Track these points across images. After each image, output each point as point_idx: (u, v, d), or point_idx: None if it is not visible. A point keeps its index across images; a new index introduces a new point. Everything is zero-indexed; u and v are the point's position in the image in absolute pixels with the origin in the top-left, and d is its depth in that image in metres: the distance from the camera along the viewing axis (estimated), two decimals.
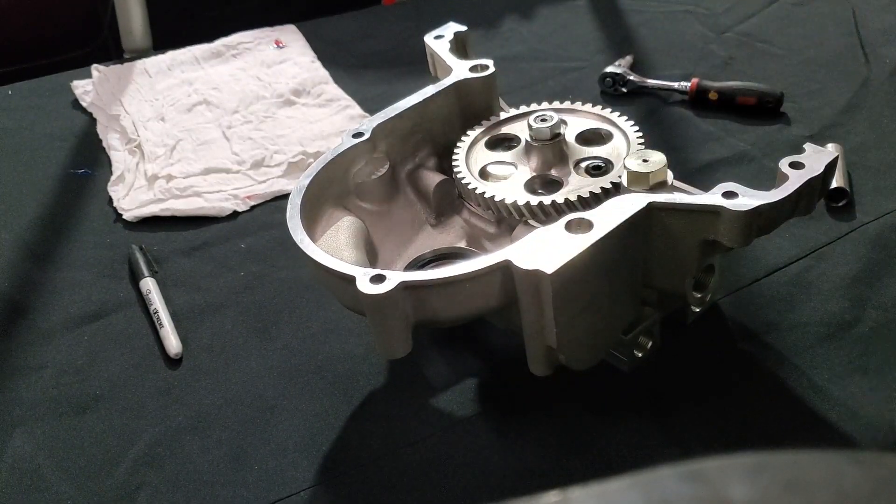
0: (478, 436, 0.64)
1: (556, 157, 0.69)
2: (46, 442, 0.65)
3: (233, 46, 1.11)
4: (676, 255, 0.61)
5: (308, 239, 0.61)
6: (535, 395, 0.66)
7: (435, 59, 0.79)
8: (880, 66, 1.00)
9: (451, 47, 0.79)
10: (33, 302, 0.78)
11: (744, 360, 0.68)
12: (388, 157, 0.71)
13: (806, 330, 0.70)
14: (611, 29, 1.16)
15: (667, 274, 0.62)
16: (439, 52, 0.79)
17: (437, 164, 0.75)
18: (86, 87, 1.06)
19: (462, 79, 0.74)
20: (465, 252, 0.70)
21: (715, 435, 0.63)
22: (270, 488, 0.61)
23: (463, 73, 0.75)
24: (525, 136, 0.71)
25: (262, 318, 0.75)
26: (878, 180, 0.85)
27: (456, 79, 0.74)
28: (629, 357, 0.66)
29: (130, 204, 0.87)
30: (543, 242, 0.56)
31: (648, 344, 0.67)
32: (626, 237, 0.58)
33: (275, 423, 0.65)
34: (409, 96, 0.73)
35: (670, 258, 0.61)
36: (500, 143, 0.73)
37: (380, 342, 0.58)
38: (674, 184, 0.66)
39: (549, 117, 0.69)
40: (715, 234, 0.58)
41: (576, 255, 0.55)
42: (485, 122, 0.74)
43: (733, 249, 0.61)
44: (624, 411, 0.65)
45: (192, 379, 0.69)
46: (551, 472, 0.61)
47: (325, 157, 0.68)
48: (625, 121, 0.71)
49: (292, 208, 0.64)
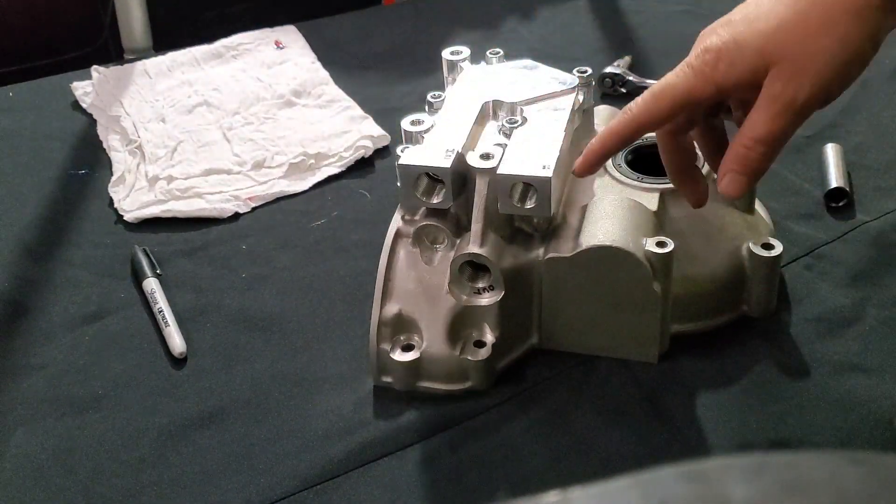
0: (477, 436, 0.64)
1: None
2: (49, 441, 0.65)
3: (233, 47, 1.11)
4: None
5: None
6: (535, 394, 0.66)
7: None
8: (880, 66, 1.00)
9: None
10: (34, 302, 0.78)
11: (743, 359, 0.68)
12: None
13: (805, 328, 0.70)
14: (611, 29, 1.17)
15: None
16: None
17: None
18: (86, 88, 1.06)
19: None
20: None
21: (715, 435, 0.63)
22: (274, 488, 0.61)
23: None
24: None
25: (263, 318, 0.75)
26: (878, 180, 0.85)
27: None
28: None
29: (131, 205, 0.87)
30: None
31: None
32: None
33: (278, 423, 0.65)
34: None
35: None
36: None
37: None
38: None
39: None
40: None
41: None
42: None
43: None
44: (624, 411, 0.65)
45: (195, 379, 0.69)
46: (551, 472, 0.61)
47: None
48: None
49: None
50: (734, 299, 0.70)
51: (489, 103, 0.71)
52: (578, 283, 0.66)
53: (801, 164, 0.87)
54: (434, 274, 0.66)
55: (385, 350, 0.66)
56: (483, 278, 0.65)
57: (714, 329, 0.70)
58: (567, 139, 0.68)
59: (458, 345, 0.66)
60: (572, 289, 0.66)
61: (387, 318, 0.66)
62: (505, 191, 0.63)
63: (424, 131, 0.68)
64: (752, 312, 0.70)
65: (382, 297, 0.66)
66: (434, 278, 0.66)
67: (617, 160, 0.72)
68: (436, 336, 0.65)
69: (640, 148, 0.73)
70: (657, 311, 0.65)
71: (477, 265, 0.65)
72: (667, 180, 0.68)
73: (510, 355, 0.68)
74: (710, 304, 0.69)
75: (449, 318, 0.65)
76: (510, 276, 0.65)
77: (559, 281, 0.66)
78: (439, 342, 0.65)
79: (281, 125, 0.98)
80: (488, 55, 0.77)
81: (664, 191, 0.69)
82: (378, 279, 0.66)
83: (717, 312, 0.70)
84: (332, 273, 0.79)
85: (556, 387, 0.67)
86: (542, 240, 0.67)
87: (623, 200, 0.67)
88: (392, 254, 0.67)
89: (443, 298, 0.65)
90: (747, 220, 0.71)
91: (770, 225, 0.74)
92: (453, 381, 0.66)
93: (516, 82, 0.73)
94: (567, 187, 0.70)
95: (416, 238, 0.66)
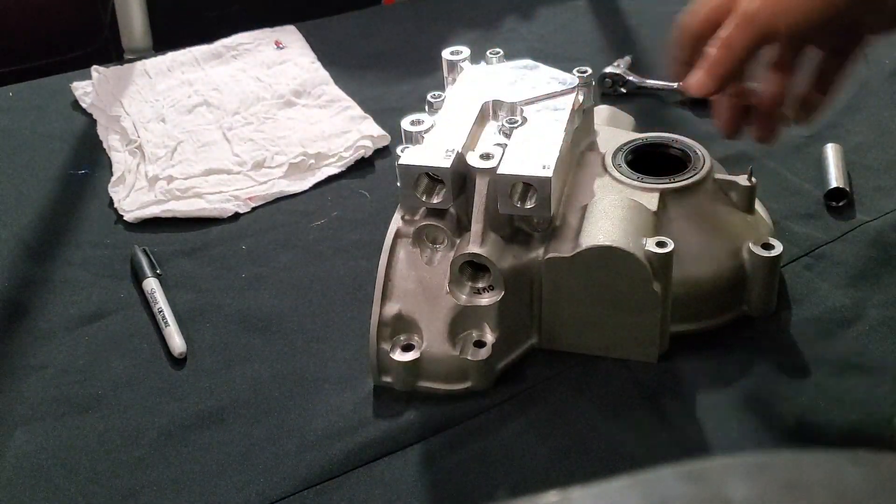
0: (478, 436, 0.64)
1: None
2: (49, 441, 0.65)
3: (233, 47, 1.11)
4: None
5: None
6: (534, 394, 0.66)
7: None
8: (880, 66, 1.00)
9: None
10: (33, 302, 0.78)
11: (743, 358, 0.68)
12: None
13: (805, 328, 0.70)
14: (611, 29, 1.17)
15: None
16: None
17: None
18: (86, 88, 1.06)
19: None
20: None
21: (715, 435, 0.63)
22: (274, 488, 0.61)
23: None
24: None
25: (263, 318, 0.75)
26: (878, 180, 0.85)
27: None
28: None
29: (131, 205, 0.87)
30: None
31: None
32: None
33: (278, 423, 0.65)
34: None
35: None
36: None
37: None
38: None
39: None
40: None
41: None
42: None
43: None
44: (624, 411, 0.65)
45: (195, 379, 0.70)
46: (551, 471, 0.61)
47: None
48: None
49: None
50: (734, 299, 0.70)
51: (489, 103, 0.71)
52: (578, 283, 0.66)
53: (801, 164, 0.87)
54: (434, 274, 0.66)
55: (385, 350, 0.66)
56: (483, 278, 0.65)
57: (714, 329, 0.70)
58: (567, 139, 0.68)
59: (458, 345, 0.66)
60: (572, 289, 0.66)
61: (387, 317, 0.66)
62: (505, 191, 0.63)
63: (424, 131, 0.68)
64: (751, 312, 0.71)
65: (382, 297, 0.66)
66: (434, 278, 0.66)
67: (617, 160, 0.72)
68: (436, 336, 0.66)
69: (640, 148, 0.73)
70: (657, 311, 0.65)
71: (477, 265, 0.65)
72: (667, 180, 0.68)
73: (510, 355, 0.68)
74: (710, 304, 0.69)
75: (449, 318, 0.65)
76: (510, 276, 0.65)
77: (559, 281, 0.66)
78: (439, 342, 0.65)
79: (281, 125, 0.98)
80: (488, 55, 0.77)
81: (664, 191, 0.69)
82: (378, 279, 0.66)
83: (717, 312, 0.70)
84: (331, 273, 0.79)
85: (556, 387, 0.67)
86: (541, 240, 0.67)
87: (623, 200, 0.67)
88: (392, 254, 0.67)
89: (443, 298, 0.65)
90: (747, 220, 0.71)
91: (770, 225, 0.74)
92: (453, 381, 0.66)
93: (516, 82, 0.73)
94: (567, 187, 0.70)
95: (416, 238, 0.66)
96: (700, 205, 0.70)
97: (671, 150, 0.74)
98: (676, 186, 0.69)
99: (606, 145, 0.74)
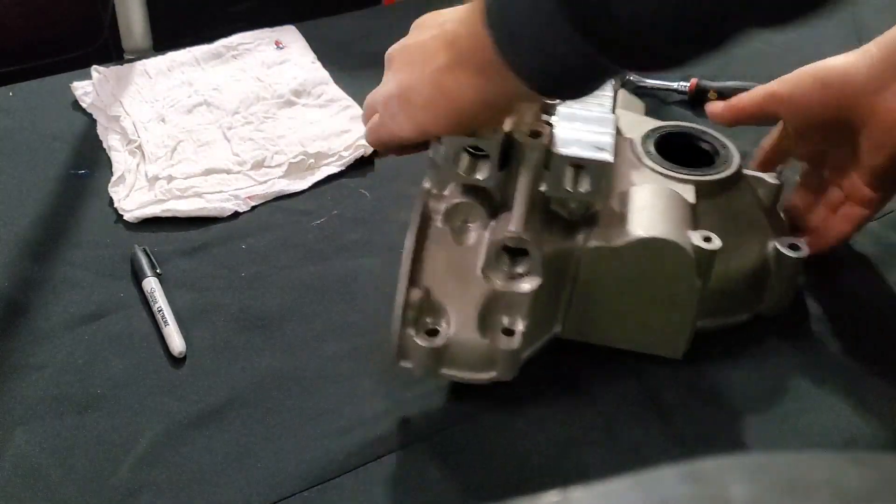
0: (478, 435, 0.64)
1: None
2: (48, 441, 0.65)
3: (233, 47, 1.11)
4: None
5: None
6: (534, 393, 0.66)
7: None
8: None
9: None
10: (33, 301, 0.78)
11: (744, 359, 0.68)
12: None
13: (805, 328, 0.70)
14: None
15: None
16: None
17: None
18: (86, 88, 1.05)
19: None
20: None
21: (715, 435, 0.63)
22: (273, 488, 0.61)
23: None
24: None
25: (263, 318, 0.75)
26: None
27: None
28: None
29: (131, 205, 0.87)
30: None
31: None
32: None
33: (277, 423, 0.65)
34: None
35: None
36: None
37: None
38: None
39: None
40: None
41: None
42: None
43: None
44: (624, 411, 0.65)
45: (194, 378, 0.69)
46: (551, 471, 0.61)
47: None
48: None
49: None
50: (754, 298, 0.69)
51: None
52: (620, 273, 0.63)
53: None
54: (464, 255, 0.62)
55: (409, 333, 0.61)
56: (520, 263, 0.61)
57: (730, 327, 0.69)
58: (616, 121, 0.65)
59: (487, 332, 0.61)
60: (611, 279, 0.64)
61: (413, 299, 0.61)
62: (557, 172, 0.60)
63: None
64: (764, 311, 0.70)
65: (409, 278, 0.61)
66: (465, 259, 0.61)
67: (647, 146, 0.70)
68: (465, 322, 0.61)
69: (668, 136, 0.71)
70: (693, 307, 0.64)
71: (514, 249, 0.60)
72: (700, 172, 0.66)
73: (534, 345, 0.65)
74: (730, 302, 0.68)
75: (480, 303, 0.61)
76: (546, 262, 0.61)
77: (600, 270, 0.63)
78: (469, 328, 0.61)
79: (281, 125, 0.98)
80: None
81: (698, 183, 0.67)
82: (405, 257, 0.61)
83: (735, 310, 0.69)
84: (332, 272, 0.79)
85: (556, 386, 0.67)
86: (578, 226, 0.63)
87: (664, 190, 0.65)
88: (420, 231, 0.62)
89: (474, 282, 0.61)
90: (771, 218, 0.70)
91: (786, 223, 0.73)
92: (478, 369, 0.62)
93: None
94: None
95: (446, 216, 0.62)
96: (730, 200, 0.68)
97: (700, 143, 0.72)
98: (711, 180, 0.68)
99: (630, 130, 0.72)
